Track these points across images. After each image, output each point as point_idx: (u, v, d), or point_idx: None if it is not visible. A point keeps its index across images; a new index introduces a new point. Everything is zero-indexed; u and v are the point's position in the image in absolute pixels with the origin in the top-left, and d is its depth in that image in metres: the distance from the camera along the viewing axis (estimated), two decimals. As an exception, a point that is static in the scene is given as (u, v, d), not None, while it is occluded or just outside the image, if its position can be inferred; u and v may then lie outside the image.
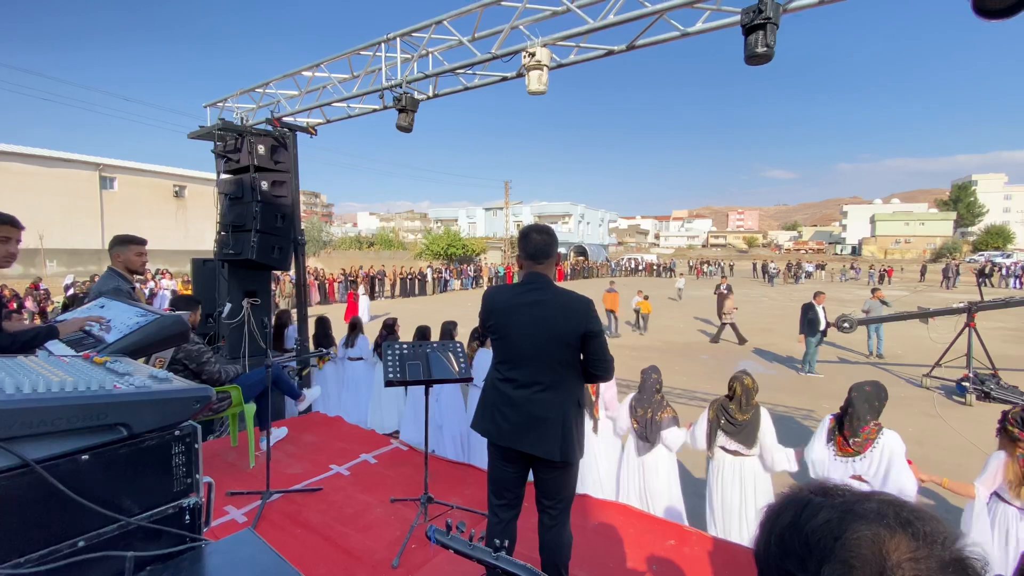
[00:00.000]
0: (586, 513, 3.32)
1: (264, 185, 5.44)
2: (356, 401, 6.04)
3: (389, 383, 3.03)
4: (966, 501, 2.81)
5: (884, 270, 34.87)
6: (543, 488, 2.32)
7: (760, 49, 3.22)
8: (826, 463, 3.00)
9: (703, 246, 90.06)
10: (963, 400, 7.60)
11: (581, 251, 48.89)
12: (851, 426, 2.90)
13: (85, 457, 0.94)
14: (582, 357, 2.29)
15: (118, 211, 26.62)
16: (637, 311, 14.32)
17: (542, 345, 2.22)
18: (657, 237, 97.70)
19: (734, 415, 3.38)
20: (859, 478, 2.85)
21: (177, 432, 1.04)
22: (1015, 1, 2.44)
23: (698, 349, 11.90)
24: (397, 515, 3.22)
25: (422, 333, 5.54)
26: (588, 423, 3.83)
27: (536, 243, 2.35)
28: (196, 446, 1.05)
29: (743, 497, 3.41)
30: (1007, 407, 2.81)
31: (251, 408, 3.90)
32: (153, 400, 0.99)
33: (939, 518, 0.58)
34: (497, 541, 1.18)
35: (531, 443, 2.21)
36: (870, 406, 2.90)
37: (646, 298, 14.36)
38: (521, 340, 2.25)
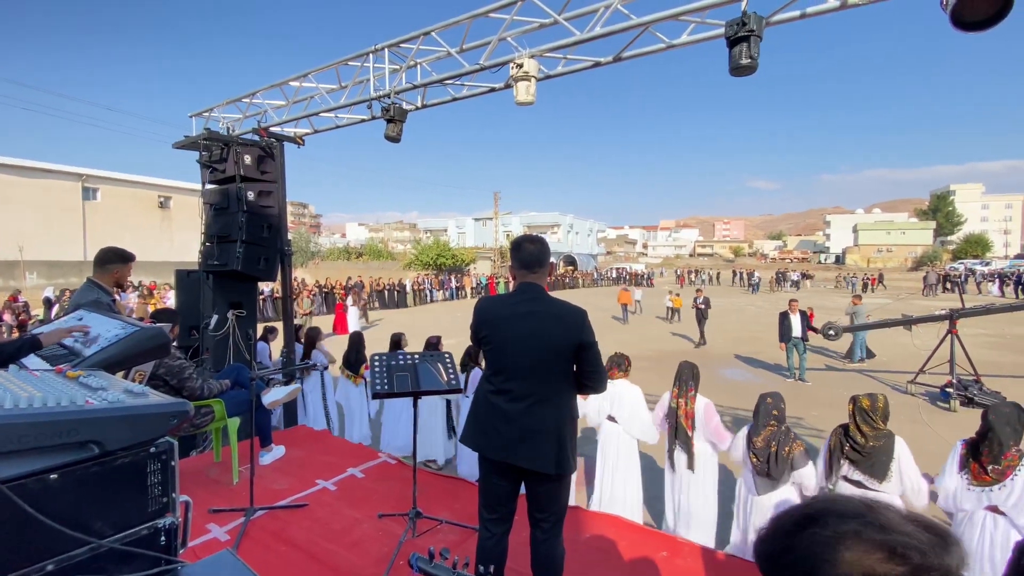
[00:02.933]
0: (579, 526, 3.28)
1: (250, 195, 5.38)
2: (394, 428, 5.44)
3: (376, 395, 2.98)
4: None
5: (868, 278, 35.54)
6: (536, 501, 2.29)
7: (744, 61, 3.27)
8: (959, 493, 2.72)
9: (690, 255, 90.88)
10: (947, 406, 7.69)
11: (570, 261, 49.08)
12: (991, 452, 2.60)
13: (54, 476, 0.89)
14: (575, 368, 2.27)
15: (101, 222, 26.20)
16: (669, 306, 18.08)
17: (537, 356, 2.20)
18: (645, 247, 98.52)
19: (857, 440, 2.93)
20: (995, 509, 2.60)
21: (153, 449, 0.99)
22: (991, 14, 2.51)
23: (687, 357, 11.93)
24: (385, 531, 3.15)
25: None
26: (682, 459, 3.58)
27: (529, 252, 2.34)
28: (173, 463, 1.01)
29: None
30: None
31: (234, 423, 3.81)
32: (127, 416, 0.95)
33: (917, 531, 0.59)
34: (482, 568, 1.15)
35: (526, 456, 2.17)
36: (1012, 429, 2.61)
37: (677, 295, 18.41)
38: (515, 351, 2.22)
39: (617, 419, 3.88)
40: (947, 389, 7.93)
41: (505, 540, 2.35)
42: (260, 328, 6.54)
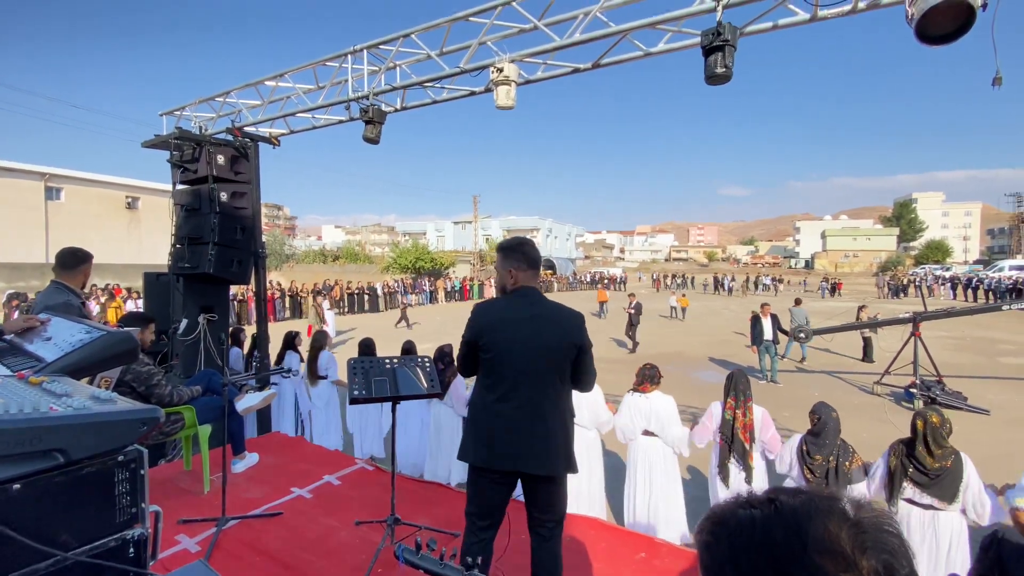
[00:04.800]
0: (557, 528, 3.28)
1: (223, 196, 5.26)
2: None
3: (354, 400, 2.94)
4: None
5: (835, 283, 36.64)
6: (539, 504, 2.26)
7: (719, 70, 3.35)
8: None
9: (666, 260, 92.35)
10: (911, 406, 7.95)
11: (549, 265, 49.30)
12: None
13: (16, 486, 0.85)
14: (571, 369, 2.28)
15: (65, 223, 25.18)
16: (674, 306, 20.74)
17: (542, 360, 2.19)
18: (622, 251, 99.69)
19: (924, 462, 2.73)
20: None
21: (121, 457, 0.96)
22: (953, 29, 2.64)
23: (662, 360, 12.09)
24: (362, 538, 3.10)
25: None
26: (739, 475, 3.43)
27: (535, 251, 2.33)
28: (142, 472, 0.98)
29: (936, 559, 2.74)
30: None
31: (205, 430, 3.70)
32: (93, 423, 0.91)
33: (840, 493, 0.61)
34: (469, 559, 1.14)
35: (537, 463, 2.16)
36: None
37: (684, 296, 21.64)
38: (520, 356, 2.18)
39: (657, 432, 3.78)
40: (911, 390, 8.22)
41: (492, 544, 2.34)
42: (249, 335, 6.37)
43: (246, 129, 5.71)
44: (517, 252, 2.31)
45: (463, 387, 4.48)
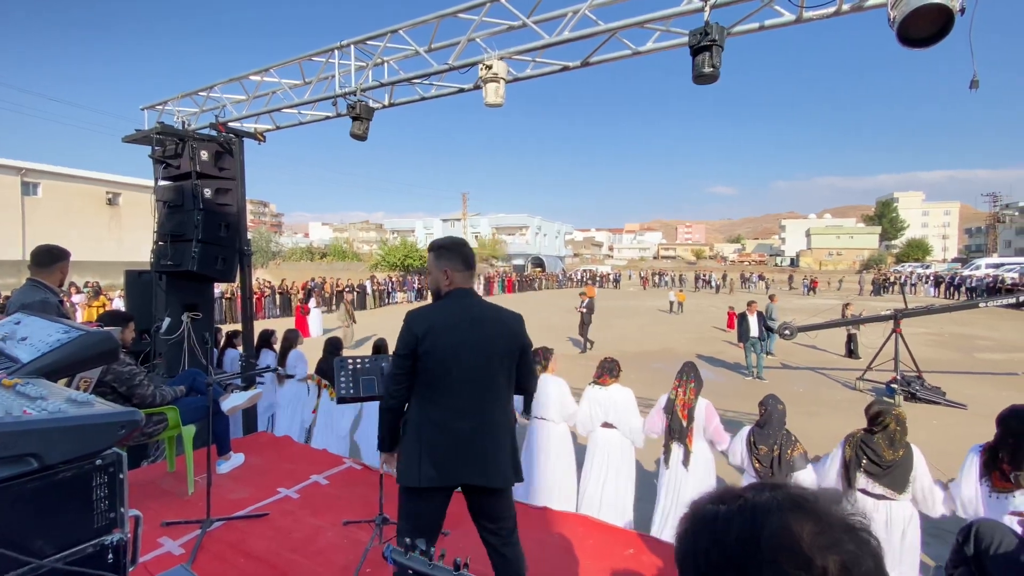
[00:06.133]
0: (547, 526, 3.29)
1: (207, 192, 5.17)
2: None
3: (342, 400, 2.91)
4: None
5: (812, 280, 37.35)
6: (491, 515, 2.17)
7: (707, 69, 3.37)
8: (979, 501, 2.64)
9: (654, 258, 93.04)
10: (892, 401, 8.12)
11: (538, 262, 49.38)
12: (1014, 458, 2.48)
13: (-13, 493, 0.83)
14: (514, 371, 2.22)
15: (43, 219, 24.59)
16: (673, 300, 22.52)
17: (489, 365, 2.09)
18: (611, 249, 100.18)
19: (882, 454, 2.85)
20: (1019, 514, 2.48)
21: (99, 461, 0.93)
22: (934, 32, 2.68)
23: (650, 358, 12.21)
24: (350, 538, 3.07)
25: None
26: (678, 454, 3.57)
27: (472, 254, 2.24)
28: (121, 476, 0.95)
29: (889, 545, 2.81)
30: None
31: (189, 430, 3.64)
32: (70, 427, 0.89)
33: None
34: (459, 559, 1.13)
35: (483, 474, 2.06)
36: None
37: (681, 291, 24.15)
38: (466, 362, 2.05)
39: (615, 424, 3.86)
40: (892, 385, 8.39)
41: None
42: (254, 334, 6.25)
43: (230, 124, 5.62)
44: (454, 252, 2.17)
45: None
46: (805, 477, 3.10)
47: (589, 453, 3.97)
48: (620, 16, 3.81)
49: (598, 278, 43.54)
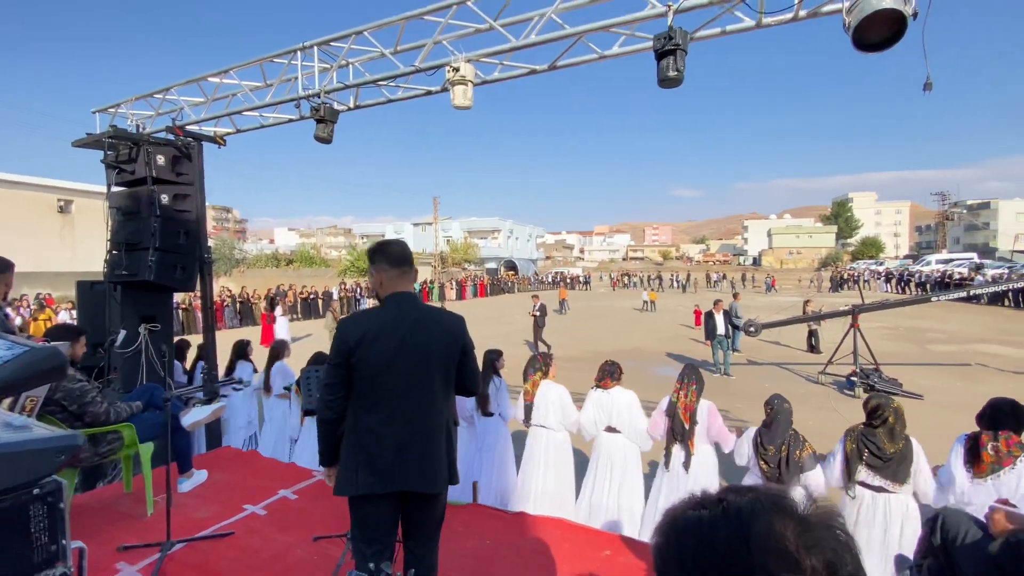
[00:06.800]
0: (523, 531, 3.26)
1: (164, 199, 4.96)
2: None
3: (308, 412, 2.82)
4: None
5: (770, 279, 38.76)
6: (416, 519, 2.16)
7: (671, 73, 3.42)
8: (967, 489, 2.72)
9: (624, 259, 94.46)
10: (852, 393, 8.44)
11: (511, 266, 49.45)
12: (992, 428, 2.62)
13: (-95, 532, 0.75)
14: (455, 374, 2.20)
15: (-14, 228, 23.19)
16: (646, 299, 23.82)
17: (423, 370, 2.06)
18: (582, 251, 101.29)
19: (882, 447, 2.90)
20: (1006, 502, 2.55)
21: (36, 491, 0.86)
22: (888, 36, 2.80)
23: (621, 357, 12.34)
24: (321, 554, 2.98)
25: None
26: (679, 457, 3.50)
27: (398, 250, 2.18)
28: (61, 506, 0.88)
29: (886, 538, 2.90)
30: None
31: (147, 448, 3.47)
32: (3, 454, 0.81)
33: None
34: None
35: (423, 481, 2.05)
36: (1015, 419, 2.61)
37: (653, 291, 26.97)
38: (404, 367, 2.03)
39: (619, 428, 3.78)
40: (852, 378, 8.72)
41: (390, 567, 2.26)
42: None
43: (188, 128, 5.41)
44: (379, 253, 2.15)
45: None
46: (815, 477, 3.10)
47: (593, 459, 3.89)
48: (586, 20, 3.84)
49: (568, 280, 43.91)
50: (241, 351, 5.63)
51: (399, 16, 4.29)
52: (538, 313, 13.14)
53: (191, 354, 6.11)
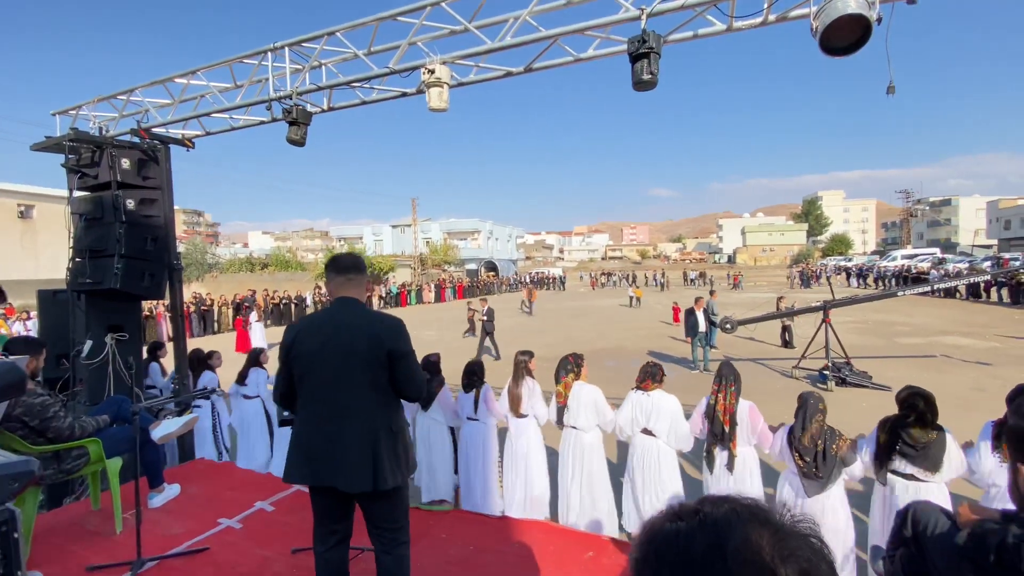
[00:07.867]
0: (507, 535, 3.25)
1: (130, 204, 4.79)
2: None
3: (284, 422, 2.75)
4: None
5: (733, 276, 39.61)
6: (369, 517, 2.26)
7: (646, 76, 3.46)
8: (995, 471, 2.76)
9: (603, 259, 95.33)
10: (825, 387, 8.67)
11: (491, 267, 49.37)
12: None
13: None
14: (389, 378, 2.23)
15: (-61, 236, 22.13)
16: (632, 296, 24.88)
17: (346, 371, 2.16)
18: (562, 252, 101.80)
19: (916, 436, 2.89)
20: None
21: (-12, 521, 0.81)
22: (853, 40, 2.88)
23: (603, 355, 12.46)
24: (300, 567, 2.91)
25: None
26: (722, 458, 3.42)
27: (345, 260, 2.35)
28: (15, 535, 0.83)
29: None
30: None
31: (115, 463, 3.35)
32: (-51, 484, 0.77)
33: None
34: None
35: (343, 478, 2.11)
36: None
37: (638, 288, 27.46)
38: (326, 365, 2.17)
39: (655, 432, 3.65)
40: (824, 372, 8.95)
41: (342, 553, 2.32)
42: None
43: (154, 130, 5.25)
44: (329, 263, 2.38)
45: (450, 396, 4.32)
46: (856, 470, 3.08)
47: (629, 462, 3.79)
48: (561, 23, 3.85)
49: (542, 280, 44.05)
50: (202, 360, 5.49)
51: (372, 17, 4.24)
52: (485, 318, 12.56)
53: (167, 363, 5.92)
